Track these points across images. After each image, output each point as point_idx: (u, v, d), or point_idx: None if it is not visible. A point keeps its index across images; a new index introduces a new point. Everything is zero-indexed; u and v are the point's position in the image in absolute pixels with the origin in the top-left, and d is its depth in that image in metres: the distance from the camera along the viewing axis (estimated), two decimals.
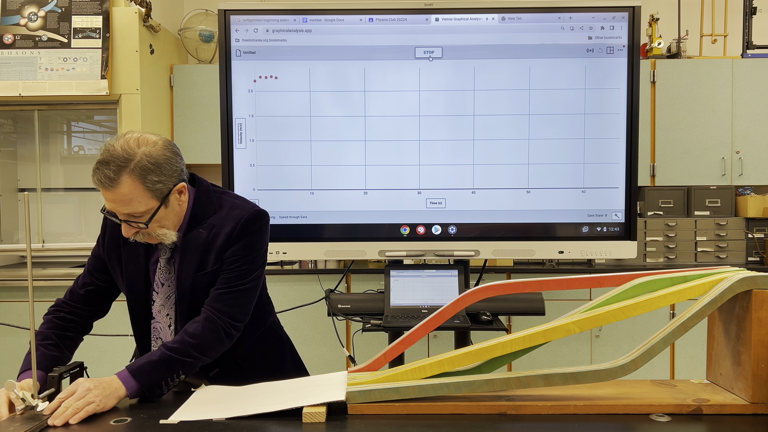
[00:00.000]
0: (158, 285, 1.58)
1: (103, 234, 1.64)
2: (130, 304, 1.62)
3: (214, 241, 1.53)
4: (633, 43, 2.66)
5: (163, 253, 1.57)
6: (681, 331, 1.24)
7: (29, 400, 1.27)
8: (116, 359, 3.54)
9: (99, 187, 1.43)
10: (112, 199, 1.41)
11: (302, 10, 2.70)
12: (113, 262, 1.61)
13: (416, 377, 1.30)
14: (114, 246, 1.60)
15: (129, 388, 1.38)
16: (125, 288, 1.61)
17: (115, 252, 1.60)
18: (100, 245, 1.64)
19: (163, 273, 1.58)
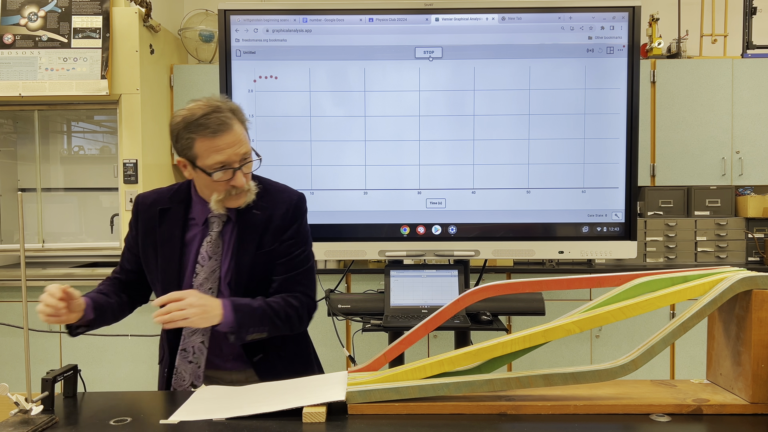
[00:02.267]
0: (204, 258, 1.56)
1: (135, 221, 1.65)
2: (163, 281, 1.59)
3: (270, 223, 1.58)
4: (633, 43, 2.66)
5: (215, 226, 1.57)
6: (681, 331, 1.24)
7: (23, 404, 1.26)
8: (116, 359, 3.54)
9: (218, 132, 1.44)
10: (232, 141, 1.46)
11: (302, 10, 2.70)
12: (147, 244, 1.61)
13: (416, 377, 1.30)
14: (150, 228, 1.61)
15: (226, 319, 1.43)
16: (160, 266, 1.59)
17: (150, 234, 1.61)
18: (132, 232, 1.65)
19: (212, 247, 1.57)
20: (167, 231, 1.58)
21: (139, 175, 3.35)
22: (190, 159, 1.49)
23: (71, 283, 3.55)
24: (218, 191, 1.51)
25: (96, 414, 1.30)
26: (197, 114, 1.45)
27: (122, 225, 3.39)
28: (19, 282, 3.50)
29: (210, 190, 1.52)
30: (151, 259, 1.60)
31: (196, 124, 1.44)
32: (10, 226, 3.97)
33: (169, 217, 1.59)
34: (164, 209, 1.59)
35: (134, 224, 1.64)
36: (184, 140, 1.47)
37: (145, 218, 1.61)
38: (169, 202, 1.61)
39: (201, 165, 1.47)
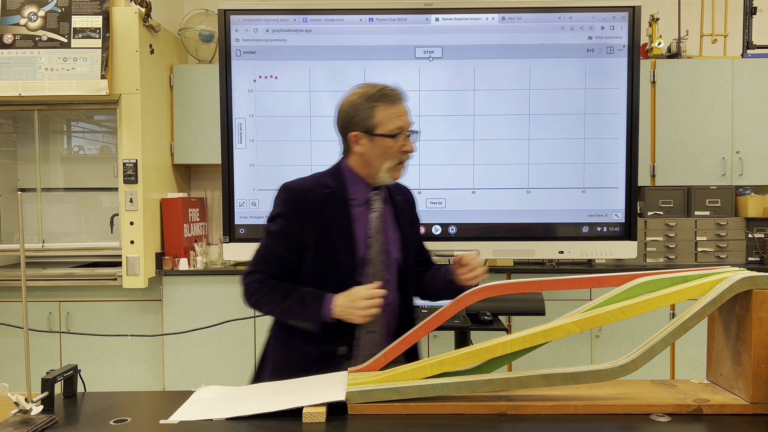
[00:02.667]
0: (375, 233, 1.65)
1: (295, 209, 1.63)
2: (340, 259, 1.62)
3: (406, 207, 1.76)
4: (633, 43, 2.66)
5: (377, 204, 1.67)
6: (681, 331, 1.24)
7: (23, 404, 1.26)
8: (116, 359, 3.54)
9: (396, 100, 1.61)
10: (404, 111, 1.62)
11: (302, 10, 2.70)
12: (320, 225, 1.62)
13: (416, 377, 1.30)
14: (319, 209, 1.62)
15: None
16: (337, 244, 1.62)
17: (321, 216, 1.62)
18: (292, 220, 1.63)
19: (377, 223, 1.66)
20: (337, 210, 1.63)
21: (138, 175, 3.35)
22: (368, 129, 1.60)
23: (71, 282, 3.57)
24: (392, 158, 1.61)
25: (96, 414, 1.30)
26: (374, 89, 1.61)
27: (122, 225, 3.39)
28: (19, 282, 3.50)
29: (383, 160, 1.61)
30: (324, 239, 1.62)
31: (377, 95, 1.59)
32: (10, 226, 3.97)
33: (334, 198, 1.64)
34: (330, 191, 1.64)
35: (294, 212, 1.63)
36: (364, 111, 1.60)
37: (310, 202, 1.63)
38: (332, 185, 1.66)
39: (382, 131, 1.59)
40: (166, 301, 3.51)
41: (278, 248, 1.63)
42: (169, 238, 3.64)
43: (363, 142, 1.61)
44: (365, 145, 1.61)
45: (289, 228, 1.63)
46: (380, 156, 1.61)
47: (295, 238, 1.62)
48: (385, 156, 1.61)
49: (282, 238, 1.63)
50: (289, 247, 1.63)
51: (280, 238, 1.63)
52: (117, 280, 3.45)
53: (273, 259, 1.64)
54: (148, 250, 3.42)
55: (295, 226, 1.62)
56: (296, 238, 1.62)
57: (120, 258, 3.43)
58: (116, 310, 3.54)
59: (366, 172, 1.65)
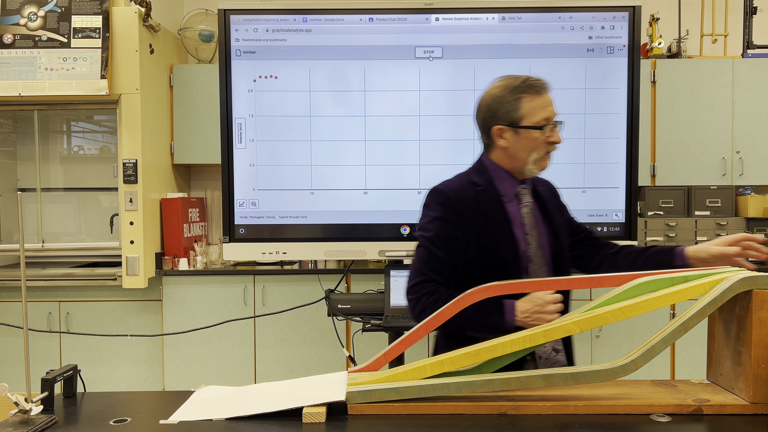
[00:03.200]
0: (530, 228, 1.64)
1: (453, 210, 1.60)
2: (504, 257, 1.59)
3: (551, 196, 1.75)
4: (633, 42, 2.66)
5: (527, 198, 1.66)
6: (681, 331, 1.24)
7: (23, 404, 1.26)
8: (116, 359, 3.54)
9: (541, 90, 1.59)
10: (550, 101, 1.61)
11: (302, 9, 2.70)
12: (479, 225, 1.59)
13: (416, 377, 1.30)
14: (472, 211, 1.60)
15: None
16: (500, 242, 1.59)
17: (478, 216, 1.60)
18: (453, 222, 1.59)
19: (529, 217, 1.65)
20: (492, 207, 1.61)
21: (138, 175, 3.35)
22: (514, 121, 1.58)
23: (71, 282, 3.57)
24: (538, 150, 1.59)
25: (96, 414, 1.30)
26: (518, 80, 1.59)
27: (122, 225, 3.39)
28: (19, 282, 3.50)
29: (529, 152, 1.60)
30: (485, 238, 1.59)
31: (522, 87, 1.58)
32: (10, 226, 3.97)
33: (486, 195, 1.62)
34: (480, 188, 1.62)
35: (452, 213, 1.60)
36: (508, 104, 1.58)
37: (465, 201, 1.60)
38: (481, 182, 1.64)
39: (528, 123, 1.57)
40: (166, 301, 3.51)
41: (441, 252, 1.58)
42: (168, 238, 3.64)
43: (507, 136, 1.59)
44: (509, 138, 1.60)
45: (450, 230, 1.58)
46: (526, 148, 1.59)
47: (457, 239, 1.58)
48: (531, 148, 1.59)
49: (443, 241, 1.58)
50: (453, 249, 1.58)
51: (442, 241, 1.58)
52: (117, 280, 3.45)
53: (438, 265, 1.58)
54: (147, 250, 3.42)
55: (456, 227, 1.58)
56: (459, 239, 1.58)
57: (120, 258, 3.43)
58: (116, 310, 3.54)
59: (511, 165, 1.63)
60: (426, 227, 1.62)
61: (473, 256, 1.58)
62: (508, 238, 1.59)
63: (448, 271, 1.58)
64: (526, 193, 1.66)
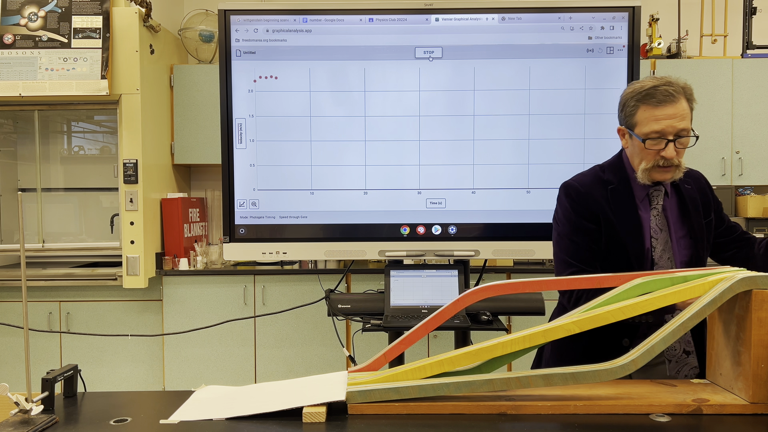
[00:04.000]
0: (656, 231, 1.64)
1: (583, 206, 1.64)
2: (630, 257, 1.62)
3: (696, 195, 1.68)
4: (633, 43, 2.66)
5: (658, 200, 1.65)
6: (681, 330, 1.24)
7: (23, 404, 1.26)
8: (116, 359, 3.54)
9: (661, 102, 1.53)
10: (672, 113, 1.53)
11: (302, 10, 2.70)
12: (609, 223, 1.62)
13: (416, 377, 1.30)
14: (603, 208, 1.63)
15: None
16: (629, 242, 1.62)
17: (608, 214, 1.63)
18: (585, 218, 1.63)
19: (660, 220, 1.64)
20: (623, 207, 1.63)
21: (139, 175, 3.35)
22: (629, 126, 1.60)
23: (71, 282, 3.57)
24: (647, 160, 1.58)
25: (96, 414, 1.30)
26: (647, 85, 1.56)
27: (122, 225, 3.39)
28: (19, 282, 3.50)
29: (639, 158, 1.60)
30: (613, 236, 1.62)
31: (643, 94, 1.55)
32: (10, 226, 3.97)
33: (617, 194, 1.64)
34: (614, 188, 1.64)
35: (581, 208, 1.64)
36: (629, 108, 1.59)
37: (594, 200, 1.64)
38: (614, 180, 1.65)
39: (637, 132, 1.57)
40: (166, 301, 3.51)
41: (583, 241, 1.63)
42: (169, 238, 3.64)
43: (625, 138, 1.63)
44: (627, 141, 1.63)
45: (583, 222, 1.63)
46: (637, 155, 1.60)
47: (593, 230, 1.63)
48: (640, 156, 1.59)
49: (580, 232, 1.63)
50: (593, 239, 1.63)
51: (579, 233, 1.63)
52: (117, 280, 3.45)
53: (582, 253, 1.62)
54: (148, 250, 3.42)
55: (588, 220, 1.63)
56: (593, 230, 1.63)
57: (120, 258, 3.43)
58: (116, 310, 3.55)
59: (632, 164, 1.65)
60: (561, 221, 1.68)
61: (603, 248, 1.62)
62: (635, 240, 1.61)
63: (592, 259, 1.62)
64: (657, 195, 1.65)
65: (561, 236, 1.67)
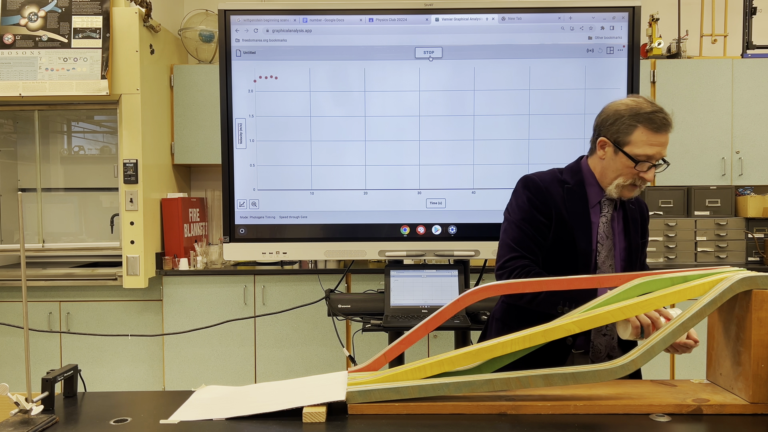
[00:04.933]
0: (602, 237, 1.69)
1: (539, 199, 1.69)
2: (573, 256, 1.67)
3: (638, 218, 1.76)
4: (633, 43, 2.66)
5: (608, 209, 1.70)
6: (681, 331, 1.24)
7: (23, 404, 1.26)
8: (116, 359, 3.54)
9: (660, 129, 1.59)
10: (664, 141, 1.61)
11: (302, 10, 2.70)
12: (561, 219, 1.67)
13: (416, 377, 1.30)
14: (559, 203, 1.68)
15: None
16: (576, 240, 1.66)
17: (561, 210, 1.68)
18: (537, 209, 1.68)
19: (606, 228, 1.69)
20: (576, 207, 1.68)
21: (139, 175, 3.35)
22: (618, 142, 1.61)
23: (71, 282, 3.57)
24: (625, 177, 1.62)
25: (96, 414, 1.30)
26: (645, 108, 1.59)
27: (122, 225, 3.39)
28: (19, 282, 3.50)
29: (616, 174, 1.63)
30: (563, 233, 1.67)
31: (644, 116, 1.58)
32: (10, 226, 3.97)
33: (573, 195, 1.69)
34: (570, 188, 1.69)
35: (537, 201, 1.69)
36: (624, 125, 1.60)
37: (550, 193, 1.68)
38: (571, 181, 1.71)
39: (629, 151, 1.60)
40: (166, 301, 3.51)
41: (531, 231, 1.67)
42: (169, 238, 3.64)
43: (607, 150, 1.65)
44: (608, 153, 1.65)
45: (536, 214, 1.67)
46: (616, 170, 1.63)
47: (542, 223, 1.67)
48: (620, 172, 1.63)
49: (530, 223, 1.67)
50: (540, 232, 1.67)
51: (528, 223, 1.68)
52: (117, 280, 3.45)
53: (527, 243, 1.67)
54: (148, 250, 3.42)
55: (541, 213, 1.67)
56: (543, 223, 1.67)
57: (120, 258, 3.43)
58: (116, 310, 3.55)
59: (600, 177, 1.69)
60: (514, 210, 1.72)
61: (550, 244, 1.66)
62: (584, 237, 1.66)
63: (536, 250, 1.67)
64: (608, 204, 1.70)
65: (509, 223, 1.71)
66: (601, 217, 1.69)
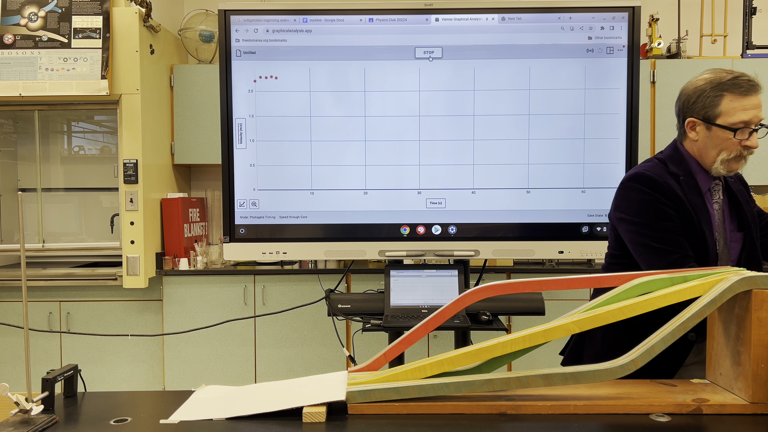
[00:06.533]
0: (718, 226, 1.63)
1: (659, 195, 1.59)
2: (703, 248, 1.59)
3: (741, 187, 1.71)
4: (633, 43, 2.66)
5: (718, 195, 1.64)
6: (681, 331, 1.24)
7: (23, 404, 1.26)
8: (116, 359, 3.54)
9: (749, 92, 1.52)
10: (757, 103, 1.53)
11: (302, 10, 2.70)
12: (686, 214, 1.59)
13: (416, 377, 1.30)
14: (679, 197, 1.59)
15: None
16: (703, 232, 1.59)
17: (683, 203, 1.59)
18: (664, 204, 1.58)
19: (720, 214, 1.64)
20: (695, 199, 1.60)
21: (139, 175, 3.35)
22: (710, 118, 1.55)
23: (71, 282, 3.57)
24: (729, 150, 1.56)
25: (96, 414, 1.30)
26: (726, 76, 1.53)
27: (122, 225, 3.39)
28: (19, 282, 3.51)
29: (718, 149, 1.56)
30: (691, 227, 1.59)
31: (728, 84, 1.52)
32: (10, 226, 3.97)
33: (688, 185, 1.61)
34: (683, 179, 1.61)
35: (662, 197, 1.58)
36: (710, 98, 1.54)
37: (671, 188, 1.59)
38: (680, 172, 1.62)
39: (723, 122, 1.53)
40: (167, 301, 3.51)
41: (676, 230, 1.57)
42: (169, 238, 3.64)
43: (699, 130, 1.59)
44: (701, 133, 1.59)
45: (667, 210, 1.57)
46: (716, 147, 1.57)
47: (676, 218, 1.58)
48: (721, 147, 1.56)
49: (671, 220, 1.57)
50: (676, 225, 1.57)
51: (670, 221, 1.57)
52: (117, 280, 3.45)
53: (681, 240, 1.56)
54: (148, 250, 3.42)
55: (670, 207, 1.58)
56: (675, 216, 1.58)
57: (120, 258, 3.43)
58: (116, 310, 3.55)
59: (700, 160, 1.62)
60: (640, 211, 1.58)
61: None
62: (709, 228, 1.59)
63: (686, 245, 1.57)
64: (718, 189, 1.63)
65: (642, 227, 1.57)
66: (714, 204, 1.62)
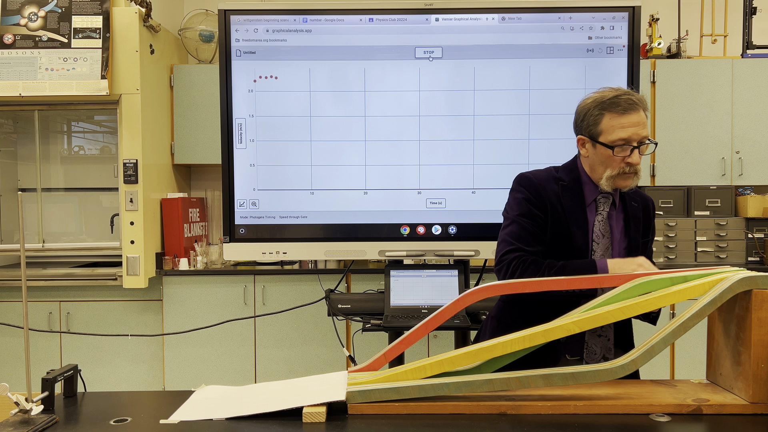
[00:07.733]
0: (598, 236, 1.68)
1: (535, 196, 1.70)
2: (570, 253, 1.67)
3: (640, 215, 1.73)
4: (633, 43, 2.66)
5: (604, 207, 1.70)
6: (681, 331, 1.24)
7: (23, 404, 1.26)
8: (116, 359, 3.54)
9: (627, 110, 1.58)
10: (636, 121, 1.58)
11: (302, 10, 2.70)
12: (557, 216, 1.67)
13: (416, 377, 1.30)
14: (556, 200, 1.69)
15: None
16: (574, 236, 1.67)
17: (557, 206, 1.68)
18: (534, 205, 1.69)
19: (603, 226, 1.69)
20: (572, 204, 1.68)
21: (139, 175, 3.35)
22: (593, 135, 1.63)
23: (71, 282, 3.57)
24: (612, 168, 1.61)
25: (96, 414, 1.30)
26: (608, 95, 1.61)
27: (122, 225, 3.39)
28: (19, 282, 3.50)
29: (604, 167, 1.63)
30: (560, 229, 1.67)
31: (608, 103, 1.60)
32: (10, 226, 3.97)
33: (569, 192, 1.69)
34: (565, 185, 1.69)
35: (534, 198, 1.69)
36: (591, 117, 1.62)
37: (546, 190, 1.69)
38: (566, 179, 1.70)
39: (603, 140, 1.60)
40: (167, 301, 3.51)
41: (528, 225, 1.67)
42: (169, 238, 3.64)
43: (587, 147, 1.66)
44: (589, 150, 1.66)
45: (533, 209, 1.67)
46: (602, 164, 1.64)
47: (540, 218, 1.67)
48: (605, 164, 1.62)
49: (528, 217, 1.67)
50: (538, 225, 1.67)
51: (527, 218, 1.68)
52: (117, 280, 3.45)
53: (527, 237, 1.66)
54: (148, 250, 3.42)
55: (538, 208, 1.67)
56: (541, 218, 1.67)
57: (120, 258, 3.43)
58: (116, 310, 3.55)
59: (591, 175, 1.69)
60: (511, 207, 1.73)
61: (548, 240, 1.66)
62: (581, 234, 1.65)
63: (534, 243, 1.66)
64: (605, 202, 1.69)
65: (507, 220, 1.72)
66: (597, 215, 1.69)
